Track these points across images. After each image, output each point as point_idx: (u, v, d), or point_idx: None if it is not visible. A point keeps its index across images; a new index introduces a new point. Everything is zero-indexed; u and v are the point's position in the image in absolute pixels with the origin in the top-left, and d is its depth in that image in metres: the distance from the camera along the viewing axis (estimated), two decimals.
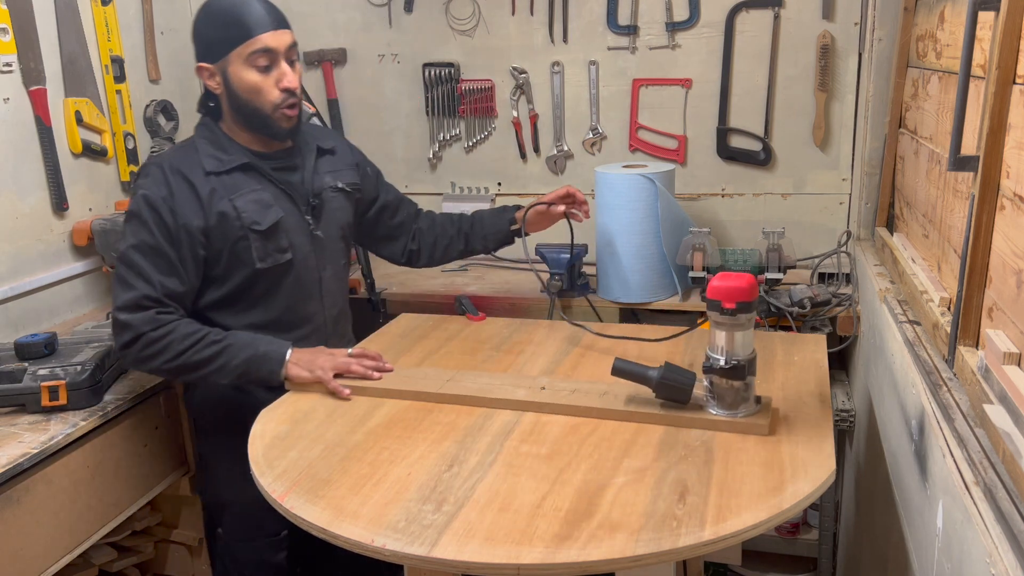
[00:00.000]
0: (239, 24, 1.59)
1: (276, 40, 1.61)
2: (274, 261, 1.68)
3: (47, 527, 1.58)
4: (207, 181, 1.63)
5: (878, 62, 2.04)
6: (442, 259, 2.04)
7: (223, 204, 1.63)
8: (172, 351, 1.58)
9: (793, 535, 2.28)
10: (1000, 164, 1.11)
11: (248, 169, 1.68)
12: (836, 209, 2.39)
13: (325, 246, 1.77)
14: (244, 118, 1.66)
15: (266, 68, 1.62)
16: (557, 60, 2.48)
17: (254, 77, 1.61)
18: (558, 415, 1.45)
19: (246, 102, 1.63)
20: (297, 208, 1.72)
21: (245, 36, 1.59)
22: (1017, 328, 1.02)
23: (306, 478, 1.27)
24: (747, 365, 1.35)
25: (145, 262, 1.59)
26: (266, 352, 1.61)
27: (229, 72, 1.62)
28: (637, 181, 2.10)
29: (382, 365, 1.63)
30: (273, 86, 1.63)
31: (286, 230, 1.69)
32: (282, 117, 1.66)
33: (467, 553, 1.06)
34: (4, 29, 2.04)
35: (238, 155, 1.68)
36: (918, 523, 1.25)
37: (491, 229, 1.98)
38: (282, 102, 1.64)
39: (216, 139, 1.69)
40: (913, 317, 1.55)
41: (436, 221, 2.03)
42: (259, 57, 1.60)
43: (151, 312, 1.58)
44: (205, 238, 1.63)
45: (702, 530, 1.08)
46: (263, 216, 1.65)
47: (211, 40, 1.62)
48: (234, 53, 1.60)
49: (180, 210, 1.60)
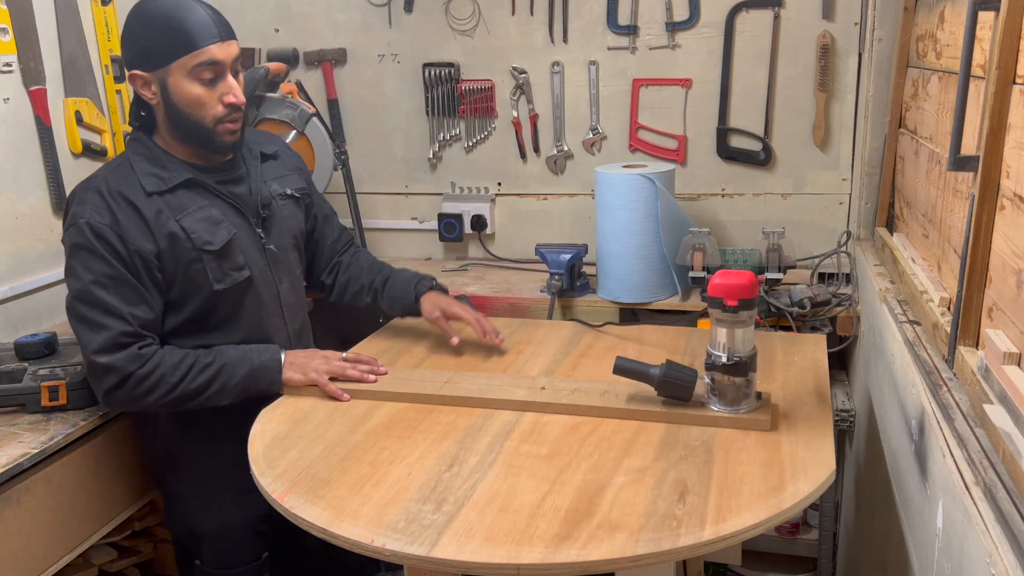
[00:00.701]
0: (183, 32, 1.46)
1: (224, 52, 1.50)
2: (232, 281, 1.58)
3: (47, 527, 1.57)
4: (151, 202, 1.52)
5: (878, 62, 2.04)
6: (349, 304, 1.90)
7: (171, 225, 1.52)
8: (166, 385, 1.50)
9: (793, 535, 2.28)
10: (1000, 164, 1.11)
11: (192, 185, 1.56)
12: (836, 209, 2.39)
13: (279, 258, 1.68)
14: (182, 131, 1.55)
15: (210, 81, 1.50)
16: (557, 60, 2.48)
17: (197, 90, 1.50)
18: (558, 415, 1.45)
19: (186, 115, 1.52)
20: (247, 222, 1.63)
21: (190, 47, 1.47)
22: (1017, 328, 1.02)
23: (306, 478, 1.27)
24: (748, 361, 1.36)
25: (109, 296, 1.48)
26: (262, 364, 1.57)
27: (169, 83, 1.50)
28: (637, 181, 2.10)
29: (376, 368, 1.62)
30: (217, 100, 1.52)
31: (240, 247, 1.60)
32: (225, 131, 1.55)
33: (467, 553, 1.06)
34: (4, 29, 2.04)
35: (179, 171, 1.56)
36: (918, 523, 1.25)
37: (398, 295, 1.82)
38: (225, 116, 1.53)
39: (153, 155, 1.56)
40: (913, 317, 1.55)
41: (358, 264, 1.90)
42: (204, 70, 1.49)
43: (132, 349, 1.49)
44: (158, 261, 1.52)
45: (702, 530, 1.08)
46: (214, 235, 1.55)
47: (149, 47, 1.49)
48: (176, 64, 1.48)
49: (128, 236, 1.49)
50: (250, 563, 1.71)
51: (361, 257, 1.93)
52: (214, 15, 1.52)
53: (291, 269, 1.74)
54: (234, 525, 1.67)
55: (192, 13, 1.48)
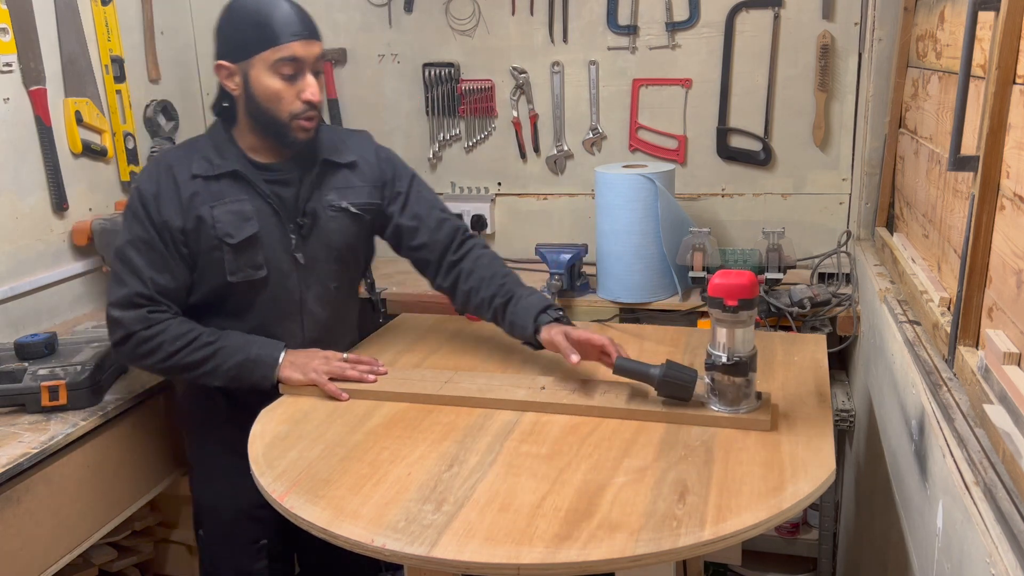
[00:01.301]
0: (269, 27, 1.51)
1: (305, 50, 1.54)
2: (246, 276, 1.61)
3: (47, 527, 1.57)
4: (191, 184, 1.58)
5: (878, 62, 2.04)
6: (473, 314, 1.79)
7: (203, 209, 1.58)
8: (164, 351, 1.56)
9: (793, 535, 2.28)
10: (1000, 164, 1.11)
11: (237, 177, 1.61)
12: (836, 209, 2.39)
13: (308, 267, 1.67)
14: (259, 124, 1.60)
15: (290, 77, 1.54)
16: (557, 60, 2.48)
17: (276, 84, 1.54)
18: (558, 415, 1.45)
19: (264, 109, 1.56)
20: (283, 224, 1.64)
21: (273, 41, 1.52)
22: (1017, 328, 1.02)
23: (306, 478, 1.27)
24: (748, 361, 1.36)
25: (139, 258, 1.56)
26: (258, 356, 1.59)
27: (251, 75, 1.55)
28: (637, 181, 2.10)
29: (376, 368, 1.62)
30: (295, 96, 1.55)
31: (263, 246, 1.61)
32: (299, 128, 1.58)
33: (467, 553, 1.06)
34: (4, 29, 2.04)
35: (231, 162, 1.61)
36: (918, 523, 1.25)
37: (519, 321, 1.66)
38: (301, 113, 1.57)
39: (217, 142, 1.63)
40: (913, 317, 1.55)
41: (479, 274, 1.74)
42: (285, 65, 1.53)
43: (143, 311, 1.56)
44: (183, 237, 1.58)
45: (702, 530, 1.08)
46: (237, 229, 1.58)
47: (236, 39, 1.55)
48: (259, 57, 1.53)
49: (164, 208, 1.57)
50: (245, 545, 1.74)
51: (483, 263, 1.76)
52: (301, 14, 1.56)
53: (323, 279, 1.71)
54: (229, 505, 1.72)
55: (279, 10, 1.53)
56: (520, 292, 1.70)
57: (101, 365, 1.73)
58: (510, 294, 1.69)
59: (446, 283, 1.77)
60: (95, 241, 2.22)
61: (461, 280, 1.75)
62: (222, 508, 1.74)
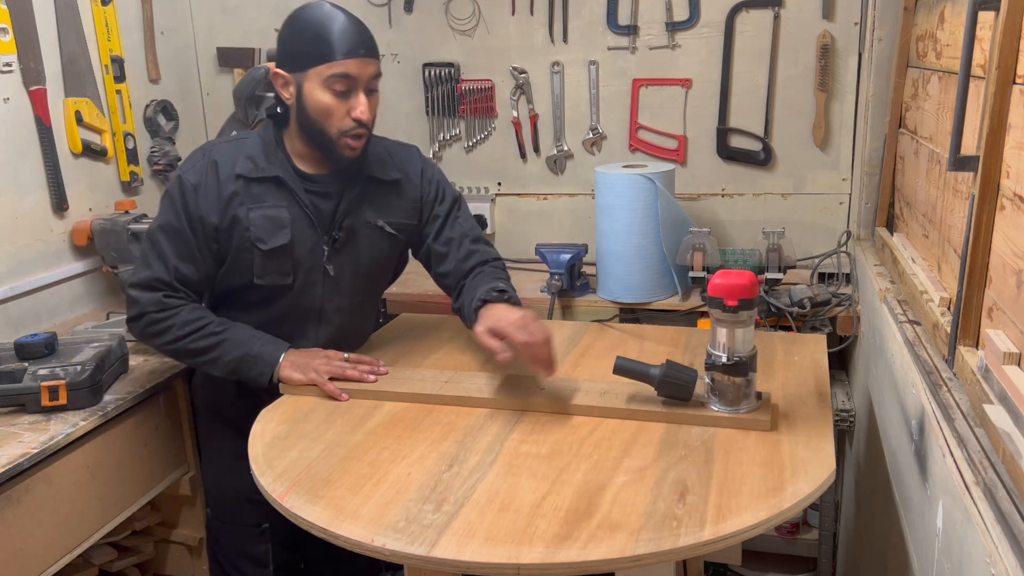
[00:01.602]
0: (327, 42, 1.52)
1: (359, 68, 1.54)
2: (272, 281, 1.64)
3: (47, 527, 1.57)
4: (233, 183, 1.60)
5: (878, 62, 2.04)
6: None
7: (240, 210, 1.60)
8: (171, 335, 1.60)
9: (793, 535, 2.28)
10: (1000, 164, 1.11)
11: (279, 183, 1.62)
12: (836, 209, 2.39)
13: (337, 280, 1.69)
14: (308, 136, 1.60)
15: (342, 94, 1.54)
16: (557, 60, 2.49)
17: (327, 100, 1.54)
18: (558, 415, 1.45)
19: (314, 122, 1.57)
20: (317, 235, 1.65)
21: (329, 57, 1.52)
22: (1017, 328, 1.02)
23: (306, 478, 1.27)
24: (748, 361, 1.36)
25: (167, 243, 1.60)
26: (259, 353, 1.60)
27: (304, 87, 1.55)
28: (637, 181, 2.10)
29: (377, 369, 1.62)
30: (345, 113, 1.55)
31: (293, 255, 1.63)
32: (346, 146, 1.58)
33: (467, 553, 1.06)
34: (4, 29, 2.04)
35: (275, 167, 1.62)
36: (918, 523, 1.25)
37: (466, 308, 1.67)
38: (349, 130, 1.57)
39: (266, 145, 1.64)
40: (913, 317, 1.55)
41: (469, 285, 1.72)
42: (337, 81, 1.53)
43: (159, 294, 1.60)
44: (216, 233, 1.61)
45: (702, 530, 1.08)
46: (270, 236, 1.60)
47: (294, 50, 1.56)
48: (313, 71, 1.53)
49: (202, 202, 1.59)
50: (247, 527, 1.79)
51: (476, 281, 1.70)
52: (360, 32, 1.56)
53: (349, 293, 1.72)
54: (231, 487, 1.77)
55: (338, 25, 1.53)
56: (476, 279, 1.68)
57: (101, 365, 1.73)
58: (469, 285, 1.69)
59: (457, 304, 1.75)
60: (95, 241, 2.22)
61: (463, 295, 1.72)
62: (225, 490, 1.80)
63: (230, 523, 1.81)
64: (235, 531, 1.81)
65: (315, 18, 1.54)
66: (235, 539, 1.81)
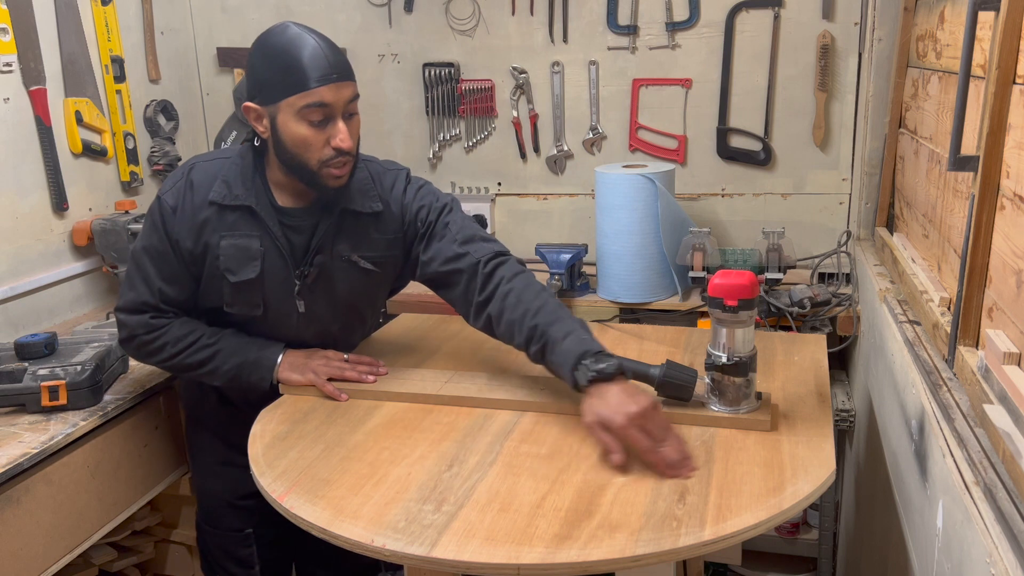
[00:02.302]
0: (295, 71, 1.42)
1: (335, 95, 1.44)
2: (241, 311, 1.60)
3: (47, 527, 1.57)
4: (207, 209, 1.54)
5: (878, 62, 2.04)
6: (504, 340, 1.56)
7: (212, 237, 1.54)
8: (165, 353, 1.59)
9: (793, 535, 2.28)
10: (1000, 164, 1.11)
11: (253, 213, 1.55)
12: (836, 209, 2.39)
13: (310, 314, 1.63)
14: (289, 169, 1.51)
15: (319, 123, 1.45)
16: (557, 60, 2.48)
17: (304, 131, 1.45)
18: (558, 415, 1.45)
19: (292, 155, 1.48)
20: (289, 270, 1.58)
21: (300, 87, 1.42)
22: (1017, 328, 1.02)
23: (306, 478, 1.27)
24: (749, 361, 1.36)
25: (151, 266, 1.57)
26: (257, 359, 1.59)
27: (278, 120, 1.46)
28: (637, 181, 2.10)
29: (377, 369, 1.62)
30: (324, 143, 1.46)
31: (263, 288, 1.58)
32: (329, 176, 1.49)
33: (467, 553, 1.06)
34: (4, 29, 2.04)
35: (250, 195, 1.55)
36: (918, 523, 1.25)
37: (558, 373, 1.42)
38: (330, 159, 1.47)
39: (244, 171, 1.56)
40: (913, 317, 1.55)
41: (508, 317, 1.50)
42: (312, 111, 1.43)
43: (146, 316, 1.58)
44: (191, 257, 1.56)
45: (702, 530, 1.08)
46: (240, 267, 1.55)
47: (263, 80, 1.46)
48: (285, 102, 1.43)
49: (179, 225, 1.55)
50: (231, 532, 1.79)
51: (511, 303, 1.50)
52: (332, 55, 1.45)
53: (325, 324, 1.66)
54: (214, 492, 1.79)
55: (307, 51, 1.43)
56: (552, 335, 1.42)
57: (101, 365, 1.73)
58: (544, 340, 1.43)
59: (479, 325, 1.57)
60: (95, 241, 2.22)
61: (493, 324, 1.54)
62: (209, 494, 1.81)
63: (215, 527, 1.81)
64: (220, 535, 1.80)
65: (281, 45, 1.44)
66: (221, 542, 1.81)
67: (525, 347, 1.47)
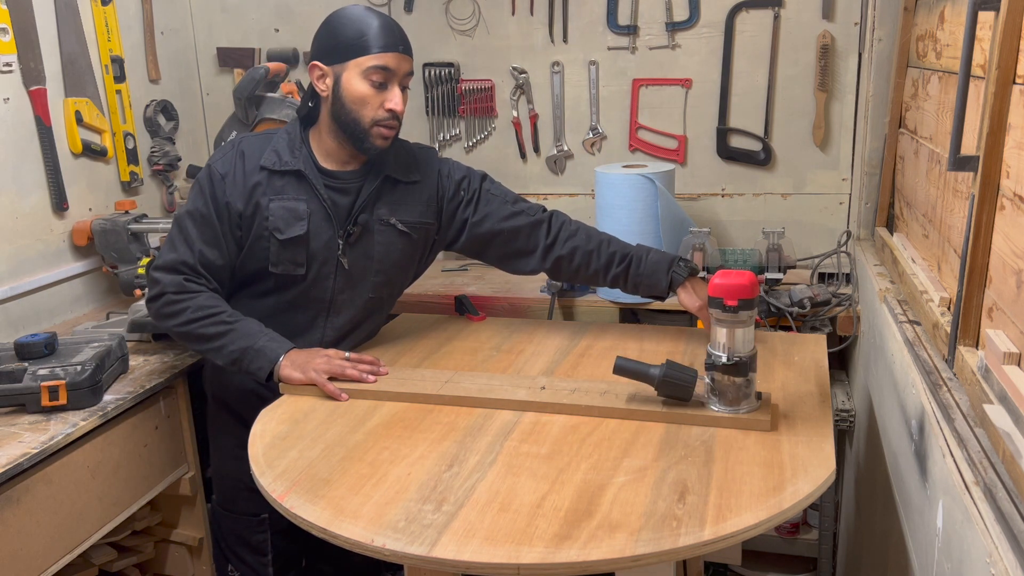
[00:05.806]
0: (367, 36, 1.62)
1: (397, 62, 1.64)
2: (285, 270, 1.70)
3: (47, 527, 1.57)
4: (258, 173, 1.67)
5: (878, 62, 2.04)
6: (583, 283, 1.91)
7: (263, 199, 1.67)
8: (184, 317, 1.63)
9: (793, 535, 2.28)
10: (1000, 164, 1.11)
11: (301, 177, 1.69)
12: (836, 209, 2.39)
13: (350, 274, 1.74)
14: (341, 126, 1.67)
15: (379, 85, 1.63)
16: (557, 60, 2.49)
17: (365, 89, 1.63)
18: (558, 415, 1.45)
19: (349, 111, 1.64)
20: (333, 229, 1.70)
21: (369, 49, 1.62)
22: (1017, 328, 1.02)
23: (306, 478, 1.27)
24: (748, 361, 1.36)
25: (193, 228, 1.66)
26: (262, 348, 1.62)
27: (343, 78, 1.63)
28: (637, 181, 2.10)
29: (377, 369, 1.63)
30: (380, 104, 1.64)
31: (308, 247, 1.69)
32: (378, 135, 1.66)
33: (467, 553, 1.06)
34: (4, 29, 2.04)
35: (298, 161, 1.69)
36: (918, 523, 1.25)
37: (647, 281, 1.77)
38: (382, 120, 1.65)
39: (292, 140, 1.71)
40: (913, 317, 1.55)
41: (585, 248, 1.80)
42: (376, 72, 1.62)
43: (180, 277, 1.65)
44: (240, 220, 1.67)
45: (702, 530, 1.08)
46: (287, 227, 1.67)
47: (335, 43, 1.64)
48: (353, 62, 1.62)
49: (229, 189, 1.66)
50: (246, 516, 1.82)
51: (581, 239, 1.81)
52: (399, 31, 1.67)
53: (363, 290, 1.76)
54: (232, 476, 1.82)
55: (379, 22, 1.64)
56: (637, 253, 1.78)
57: (101, 365, 1.73)
58: (627, 259, 1.78)
59: (546, 266, 1.83)
60: (95, 241, 2.22)
61: (564, 261, 1.81)
62: (227, 478, 1.85)
63: (231, 511, 1.85)
64: (236, 519, 1.84)
65: (356, 15, 1.65)
66: (235, 526, 1.85)
67: (605, 271, 1.79)
